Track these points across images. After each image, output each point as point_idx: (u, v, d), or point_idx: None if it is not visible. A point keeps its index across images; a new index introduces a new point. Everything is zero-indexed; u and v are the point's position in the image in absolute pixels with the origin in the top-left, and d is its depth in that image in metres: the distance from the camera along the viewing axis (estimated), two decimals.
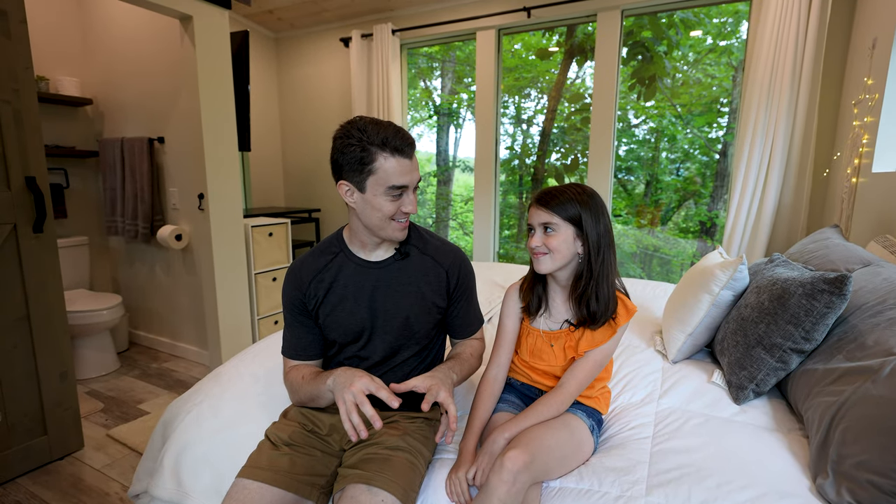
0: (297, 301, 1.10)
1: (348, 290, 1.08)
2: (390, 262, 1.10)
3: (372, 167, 0.95)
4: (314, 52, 3.85)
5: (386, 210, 0.99)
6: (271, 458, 0.97)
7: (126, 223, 2.81)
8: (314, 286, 1.09)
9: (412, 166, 0.99)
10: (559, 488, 0.95)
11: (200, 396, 1.24)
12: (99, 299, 2.66)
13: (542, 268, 1.06)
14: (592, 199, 1.05)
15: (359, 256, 1.10)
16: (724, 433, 1.07)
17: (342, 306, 1.08)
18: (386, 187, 0.97)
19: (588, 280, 1.05)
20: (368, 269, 1.09)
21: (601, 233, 1.05)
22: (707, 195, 3.65)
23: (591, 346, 1.07)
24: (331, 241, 1.14)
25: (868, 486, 0.80)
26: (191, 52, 2.29)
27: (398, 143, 0.95)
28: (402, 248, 1.11)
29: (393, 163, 0.95)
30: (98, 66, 2.85)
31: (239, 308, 2.67)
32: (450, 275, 1.13)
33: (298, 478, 0.96)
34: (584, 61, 3.61)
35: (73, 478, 1.80)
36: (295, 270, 1.11)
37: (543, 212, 1.04)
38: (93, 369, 2.65)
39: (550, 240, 1.04)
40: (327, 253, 1.11)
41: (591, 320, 1.06)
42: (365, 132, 0.95)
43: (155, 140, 2.66)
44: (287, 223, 3.03)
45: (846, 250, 1.51)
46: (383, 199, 0.98)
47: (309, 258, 1.12)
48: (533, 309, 1.14)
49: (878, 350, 0.98)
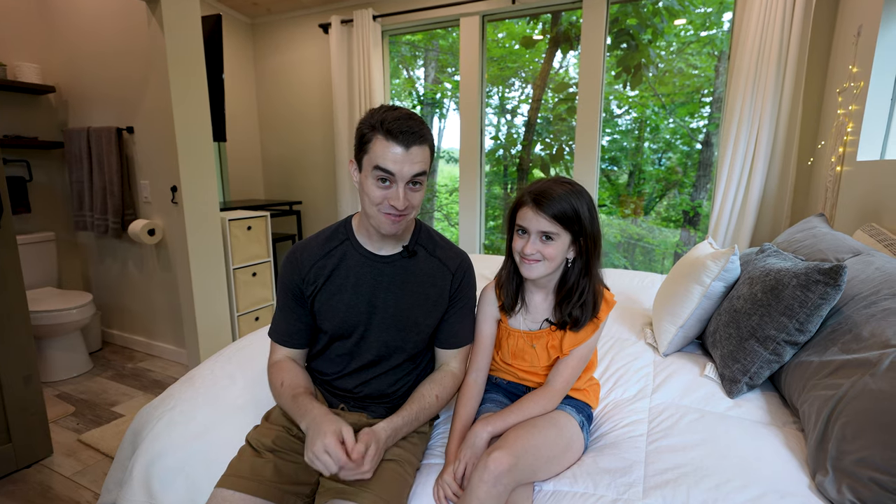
0: (293, 286, 1.04)
1: (349, 280, 1.03)
2: (397, 258, 1.05)
3: (368, 146, 0.93)
4: (292, 38, 3.73)
5: (373, 195, 0.93)
6: (254, 466, 0.91)
7: (95, 218, 2.69)
8: (314, 272, 1.03)
9: (406, 157, 0.91)
10: (553, 491, 0.91)
11: (172, 402, 1.17)
12: (68, 298, 2.54)
13: (534, 274, 1.01)
14: (591, 205, 1.00)
15: (365, 248, 1.04)
16: (720, 429, 1.05)
17: (340, 297, 1.02)
18: (373, 167, 0.92)
19: (575, 286, 1.02)
20: (373, 263, 1.04)
21: (595, 239, 1.01)
22: (689, 185, 3.66)
23: (576, 343, 1.04)
24: (338, 227, 1.08)
25: (870, 484, 0.77)
26: (159, 37, 2.17)
27: (393, 126, 0.90)
28: (409, 247, 1.06)
29: (383, 144, 0.91)
30: (60, 52, 2.70)
31: (217, 305, 2.58)
32: (455, 278, 1.09)
33: (283, 487, 0.90)
34: (568, 49, 3.56)
35: (42, 486, 1.71)
36: (296, 253, 1.05)
37: (545, 219, 0.97)
38: (63, 371, 2.53)
39: (548, 248, 0.98)
40: (333, 239, 1.06)
41: (573, 324, 1.03)
42: (376, 113, 0.94)
43: (123, 130, 2.53)
44: (266, 216, 2.93)
45: (835, 239, 1.50)
46: (371, 181, 0.93)
47: (313, 242, 1.06)
48: (509, 307, 1.10)
49: (875, 342, 0.95)
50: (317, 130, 3.78)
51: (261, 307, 2.98)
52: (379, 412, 1.07)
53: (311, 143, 3.82)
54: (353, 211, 3.55)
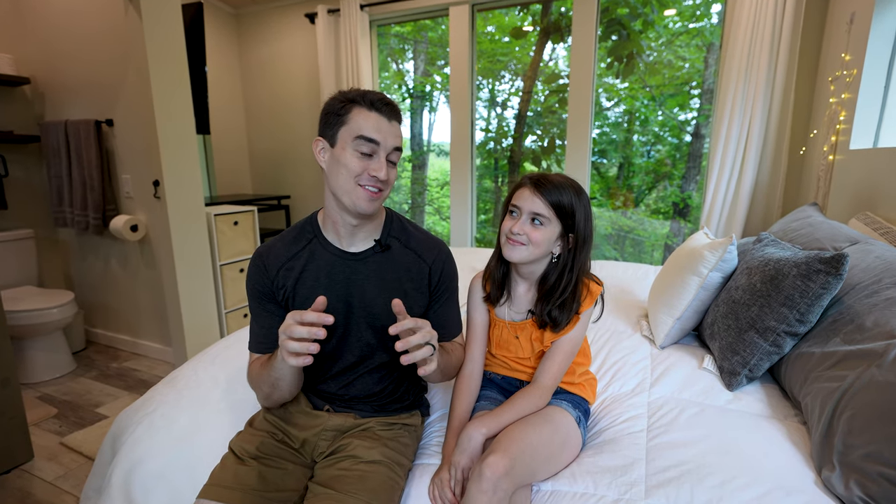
0: (264, 288, 0.98)
1: (320, 281, 0.97)
2: (369, 253, 0.99)
3: (346, 118, 0.89)
4: (278, 29, 3.64)
5: (352, 166, 0.89)
6: (238, 475, 0.87)
7: (75, 214, 2.60)
8: (282, 275, 0.97)
9: (390, 129, 0.90)
10: (551, 492, 0.88)
11: (153, 405, 1.12)
12: (49, 296, 2.46)
13: (515, 256, 0.98)
14: (585, 199, 0.99)
15: (334, 245, 0.99)
16: (721, 424, 1.02)
17: (313, 299, 0.96)
18: (354, 137, 0.88)
19: (556, 285, 1.00)
20: (344, 261, 0.98)
21: (585, 240, 0.99)
22: (678, 177, 3.65)
23: (557, 336, 1.02)
24: (303, 226, 1.02)
25: (879, 479, 0.75)
26: (137, 25, 2.09)
27: (375, 99, 0.89)
28: (382, 240, 1.00)
29: (367, 114, 0.88)
30: (34, 42, 2.60)
31: (204, 302, 2.51)
32: (433, 271, 1.03)
33: (268, 495, 0.85)
34: (559, 40, 3.52)
35: (22, 492, 1.65)
36: (261, 256, 0.99)
37: (539, 199, 0.95)
38: (45, 372, 2.46)
39: (536, 232, 0.96)
40: (300, 239, 1.00)
41: (553, 326, 1.01)
42: (349, 91, 0.91)
43: (103, 122, 2.45)
44: (253, 211, 2.86)
45: (831, 228, 1.48)
46: (350, 152, 0.89)
47: (278, 243, 1.00)
48: (493, 297, 1.08)
49: (879, 332, 0.93)
50: (305, 123, 3.70)
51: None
52: (367, 411, 1.03)
53: (300, 136, 3.75)
54: None
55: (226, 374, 1.23)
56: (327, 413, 1.01)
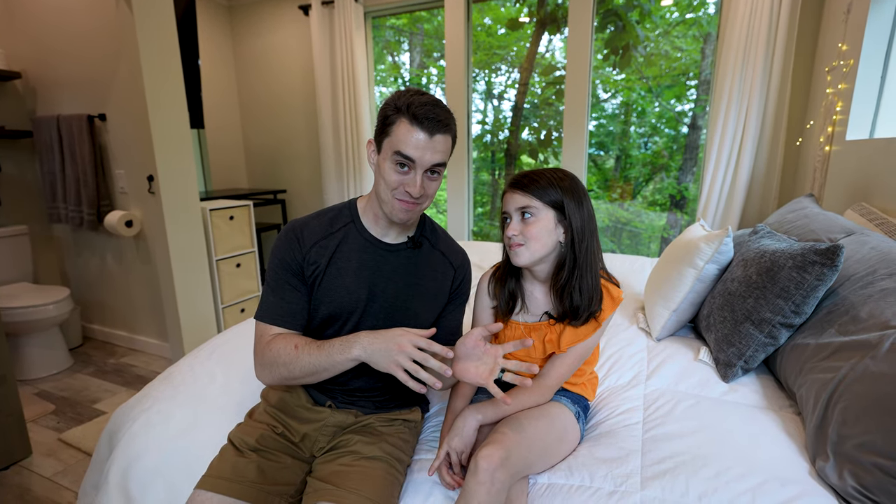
0: (294, 263, 0.96)
1: (350, 263, 0.97)
2: (401, 248, 1.01)
3: (391, 128, 0.89)
4: (271, 21, 3.60)
5: (389, 179, 0.90)
6: (236, 466, 0.87)
7: (69, 210, 2.58)
8: (316, 251, 0.96)
9: (429, 144, 0.87)
10: (548, 484, 0.89)
11: (149, 401, 1.12)
12: (44, 293, 2.45)
13: (520, 260, 0.96)
14: (573, 182, 0.96)
15: (370, 232, 1.00)
16: (716, 415, 1.03)
17: (342, 280, 0.97)
18: (393, 151, 0.88)
19: (571, 271, 0.96)
20: (377, 249, 0.99)
21: (585, 218, 0.95)
22: (675, 168, 3.64)
23: (574, 341, 0.99)
24: (342, 208, 1.03)
25: (873, 469, 0.75)
26: (128, 18, 2.06)
27: (419, 112, 0.86)
28: (415, 238, 1.02)
29: (406, 129, 0.87)
30: (24, 36, 2.56)
31: (200, 297, 2.51)
32: (457, 275, 1.07)
33: (265, 488, 0.86)
34: (555, 31, 3.49)
35: (20, 488, 1.65)
36: (296, 230, 0.97)
37: (520, 195, 0.94)
38: (42, 368, 2.45)
39: (529, 227, 0.94)
40: (338, 221, 1.00)
41: (572, 316, 0.97)
42: (402, 95, 0.90)
43: (95, 117, 2.43)
44: (249, 205, 2.85)
45: (827, 220, 1.48)
46: (390, 164, 0.90)
47: (314, 221, 1.00)
48: (504, 308, 1.05)
49: (874, 323, 0.93)
50: (300, 117, 3.68)
51: (246, 298, 2.92)
52: (368, 408, 1.03)
53: (295, 130, 3.72)
54: (338, 199, 3.48)
55: (223, 369, 1.23)
56: (329, 409, 1.00)
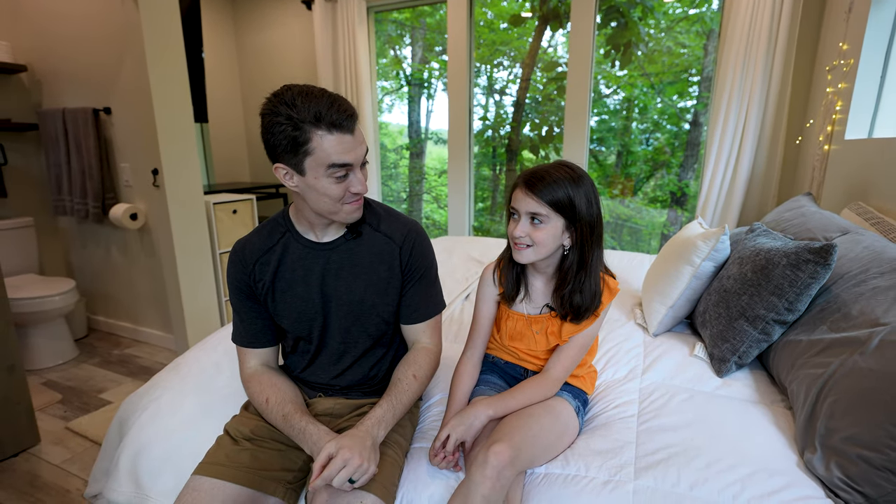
0: (242, 284, 0.99)
1: (297, 273, 0.98)
2: (341, 241, 1.00)
3: (308, 147, 0.83)
4: (274, 15, 3.60)
5: (332, 193, 0.87)
6: (230, 454, 0.90)
7: (75, 202, 2.61)
8: (259, 269, 0.98)
9: (355, 141, 0.86)
10: (544, 475, 0.92)
11: (158, 391, 1.15)
12: (50, 284, 2.48)
13: (523, 259, 0.99)
14: (588, 189, 0.95)
15: (306, 238, 1.00)
16: (709, 408, 1.06)
17: (292, 291, 0.98)
18: (326, 166, 0.84)
19: (575, 276, 0.98)
20: (317, 251, 0.99)
21: (594, 224, 0.96)
22: (677, 165, 3.65)
23: (575, 331, 1.02)
24: (276, 221, 1.02)
25: (858, 461, 0.78)
26: (134, 13, 2.08)
27: (335, 117, 0.82)
28: (353, 227, 1.00)
29: (331, 140, 0.83)
30: (31, 29, 2.58)
31: (204, 289, 2.54)
32: (403, 251, 1.02)
33: (260, 473, 0.89)
34: (558, 27, 3.49)
35: (30, 475, 1.69)
36: (238, 251, 1.00)
37: (532, 200, 0.94)
38: (48, 359, 2.49)
39: (537, 232, 0.95)
40: (274, 232, 1.00)
41: (574, 315, 1.00)
42: (294, 107, 0.81)
43: (101, 111, 2.45)
44: (252, 199, 2.87)
45: (823, 218, 1.50)
46: (326, 181, 0.86)
47: (254, 237, 1.01)
48: (510, 295, 1.07)
49: (864, 320, 0.96)
50: None
51: None
52: (358, 397, 1.06)
53: None
54: None
55: (228, 360, 1.26)
56: (320, 398, 1.04)
